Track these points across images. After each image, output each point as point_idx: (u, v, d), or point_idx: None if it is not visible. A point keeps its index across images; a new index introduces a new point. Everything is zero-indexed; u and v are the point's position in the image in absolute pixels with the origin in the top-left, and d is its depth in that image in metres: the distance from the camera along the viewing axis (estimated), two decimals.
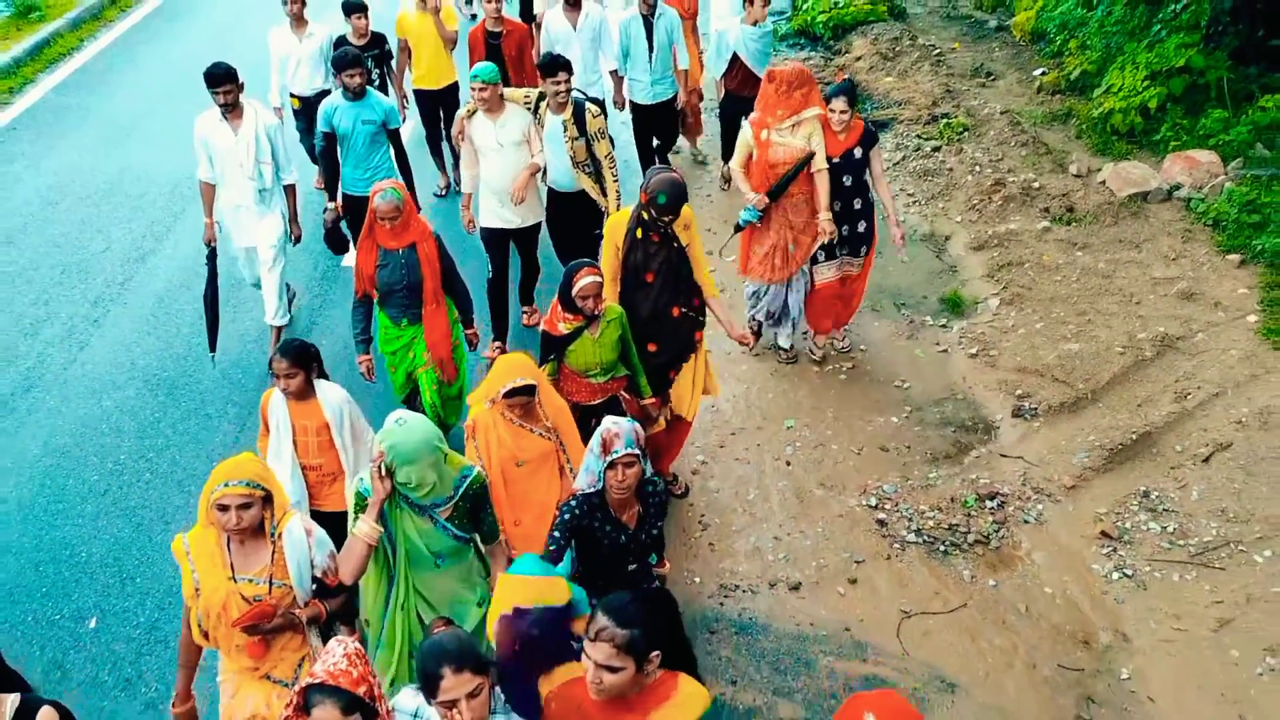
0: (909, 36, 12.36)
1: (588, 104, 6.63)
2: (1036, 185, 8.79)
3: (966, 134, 9.87)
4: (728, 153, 8.62)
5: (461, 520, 4.01)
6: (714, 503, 6.08)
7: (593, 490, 3.89)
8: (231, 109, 6.64)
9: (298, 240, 7.18)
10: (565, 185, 6.86)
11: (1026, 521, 5.78)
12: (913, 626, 5.23)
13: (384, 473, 3.77)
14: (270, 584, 3.69)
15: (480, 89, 6.44)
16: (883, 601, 5.36)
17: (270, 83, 8.57)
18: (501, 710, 2.99)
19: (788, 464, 6.30)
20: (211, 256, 6.91)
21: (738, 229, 6.65)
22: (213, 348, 6.92)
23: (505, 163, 6.64)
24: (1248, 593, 5.17)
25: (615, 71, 8.75)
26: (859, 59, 12.08)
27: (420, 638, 4.03)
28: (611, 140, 6.86)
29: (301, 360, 4.70)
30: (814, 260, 6.72)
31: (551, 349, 5.04)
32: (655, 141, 9.14)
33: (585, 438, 4.62)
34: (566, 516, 3.92)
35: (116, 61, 12.66)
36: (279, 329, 7.21)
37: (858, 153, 6.46)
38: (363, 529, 3.82)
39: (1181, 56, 9.23)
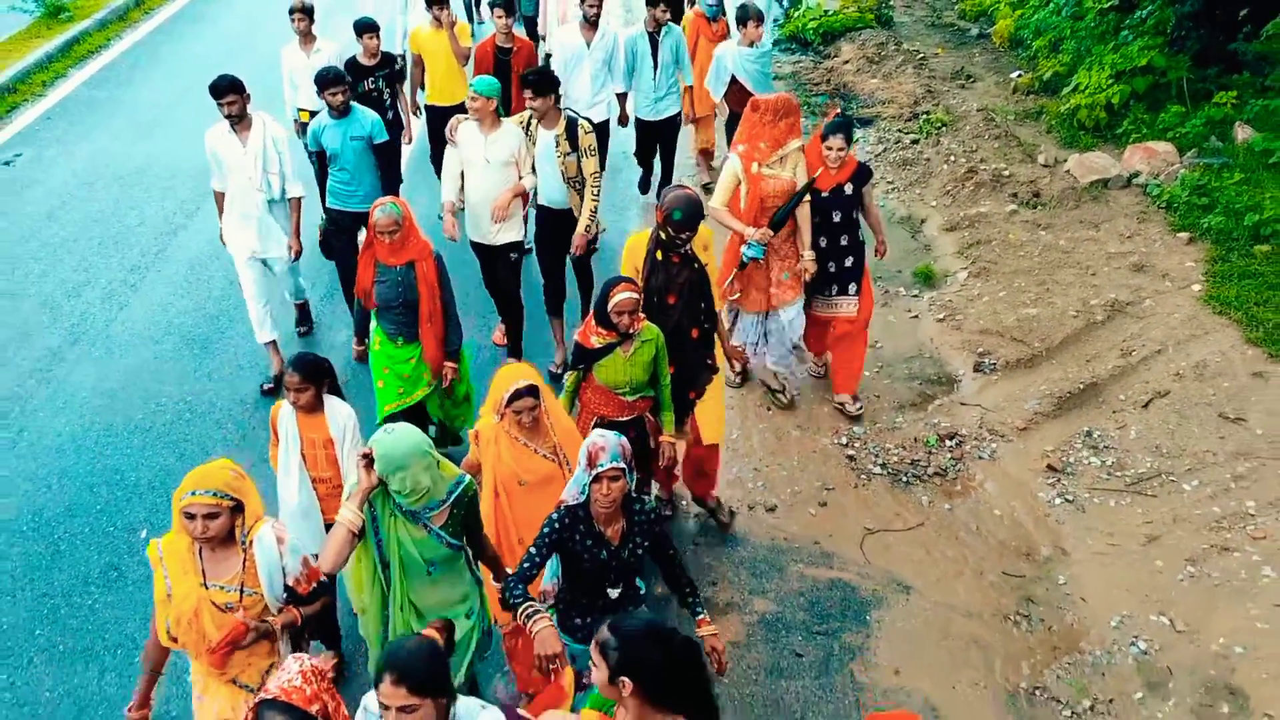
0: (894, 42, 13.08)
1: (580, 121, 6.66)
2: (1006, 173, 9.46)
3: (944, 129, 10.55)
4: None
5: (455, 528, 4.03)
6: None
7: (577, 503, 3.89)
8: (239, 120, 6.66)
9: (297, 256, 7.07)
10: (557, 201, 6.86)
11: (981, 458, 6.42)
12: (875, 541, 5.87)
13: (368, 463, 3.82)
14: (241, 591, 3.68)
15: (473, 99, 6.45)
16: (849, 521, 5.99)
17: (284, 98, 8.64)
18: None
19: (769, 409, 6.93)
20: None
21: (741, 266, 6.39)
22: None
23: (490, 180, 6.60)
24: (1174, 515, 5.79)
25: (623, 94, 8.78)
26: (846, 62, 12.80)
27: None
28: (602, 163, 6.86)
29: (313, 376, 4.73)
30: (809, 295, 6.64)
31: (581, 360, 4.99)
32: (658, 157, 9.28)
33: None
34: (547, 530, 3.92)
35: (142, 59, 13.37)
36: (300, 305, 7.63)
37: (848, 189, 6.37)
38: (345, 515, 3.83)
39: (1144, 57, 9.94)
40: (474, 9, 13.44)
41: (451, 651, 3.88)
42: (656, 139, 9.11)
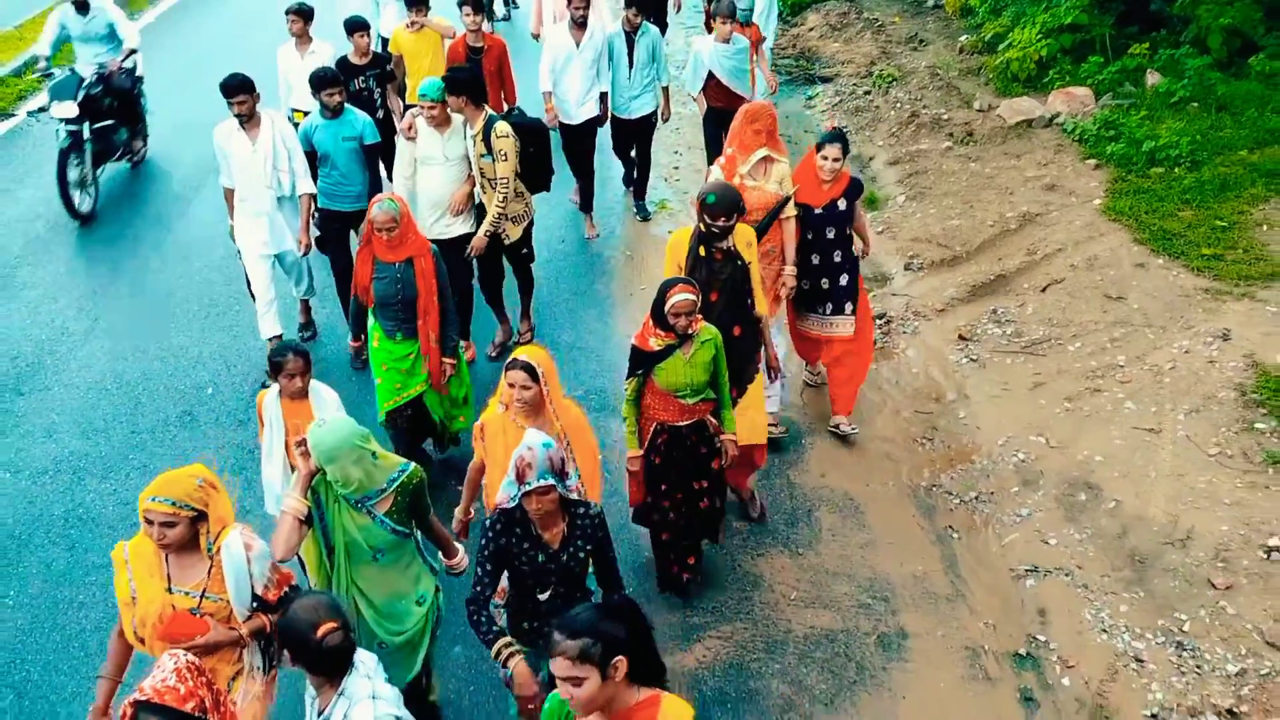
0: (856, 12, 14.35)
1: (497, 123, 6.67)
2: (945, 117, 10.71)
3: (894, 83, 11.80)
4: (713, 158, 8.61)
5: (400, 515, 4.09)
6: None
7: (512, 506, 3.83)
8: (248, 119, 6.73)
9: (306, 251, 7.14)
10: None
11: (905, 333, 7.66)
12: (812, 393, 7.11)
13: (304, 452, 3.98)
14: (202, 596, 3.70)
15: (430, 107, 6.58)
16: (791, 378, 7.22)
17: (279, 98, 8.60)
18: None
19: None
20: (243, 253, 7.20)
21: None
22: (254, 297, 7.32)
23: (447, 176, 6.76)
24: (1059, 368, 7.03)
25: (605, 92, 8.79)
26: (811, 29, 14.07)
27: (359, 629, 4.15)
28: (518, 171, 6.86)
29: (308, 360, 4.90)
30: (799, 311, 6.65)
31: (640, 364, 4.92)
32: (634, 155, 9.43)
33: (674, 460, 5.06)
34: (484, 541, 3.90)
35: (152, 44, 14.55)
36: (305, 302, 7.72)
37: (841, 204, 6.25)
38: (289, 503, 3.96)
39: (1070, 15, 11.17)
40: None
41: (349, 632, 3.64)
42: (632, 137, 9.22)
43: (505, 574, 4.03)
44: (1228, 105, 9.76)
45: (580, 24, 8.44)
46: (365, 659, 3.24)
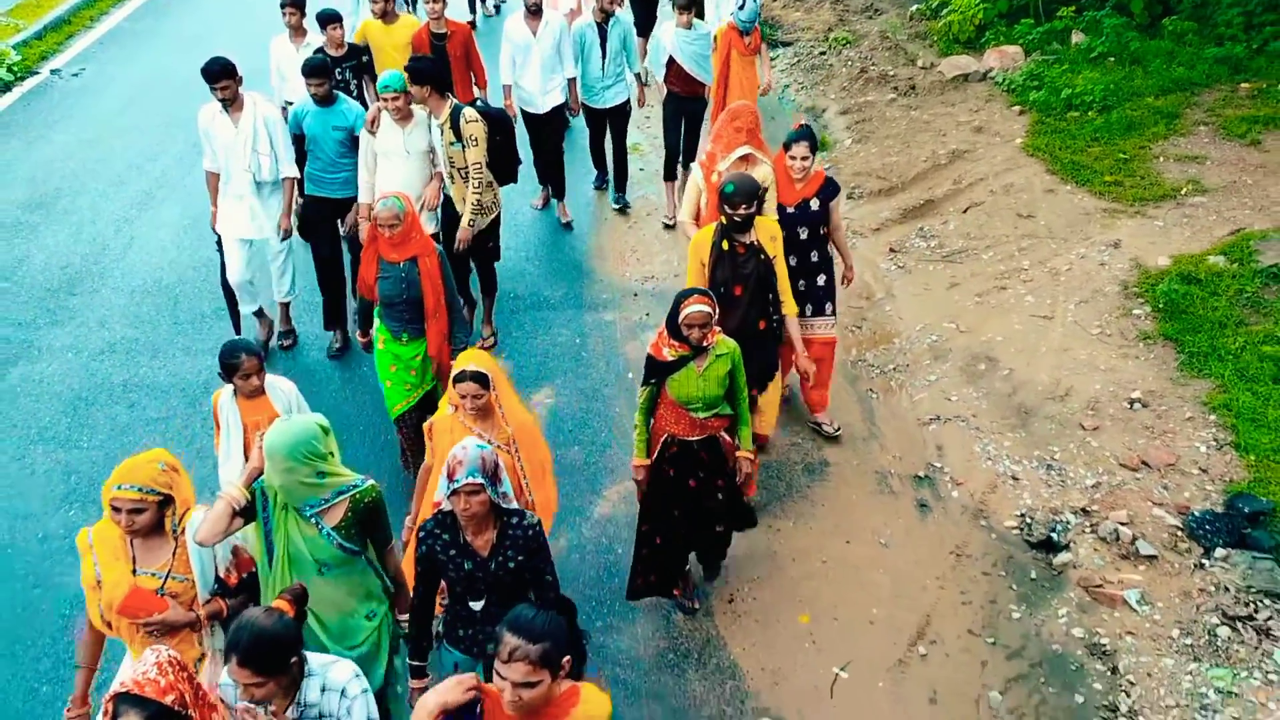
0: None
1: (465, 110, 6.68)
2: (891, 74, 11.86)
3: (848, 45, 12.94)
4: (669, 145, 9.16)
5: (349, 531, 3.97)
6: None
7: (448, 509, 3.80)
8: (231, 102, 6.74)
9: (287, 235, 7.16)
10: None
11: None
12: None
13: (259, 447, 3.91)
14: (167, 577, 3.74)
15: (394, 98, 6.55)
16: None
17: (272, 88, 8.63)
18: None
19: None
20: (221, 243, 7.27)
21: None
22: (238, 329, 7.46)
23: (410, 170, 6.77)
24: (972, 272, 8.19)
25: (573, 79, 8.81)
26: (775, 0, 15.17)
27: (310, 646, 3.92)
28: (488, 157, 6.86)
29: (260, 357, 4.81)
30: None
31: (653, 373, 4.82)
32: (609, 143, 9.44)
33: (686, 475, 4.97)
34: (422, 550, 3.88)
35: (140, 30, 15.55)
36: (285, 305, 7.62)
37: (814, 204, 6.20)
38: (226, 489, 3.89)
39: None
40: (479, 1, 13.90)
41: (303, 620, 3.60)
42: (605, 126, 9.28)
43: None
44: (1141, 60, 10.92)
45: (534, 12, 8.51)
46: (315, 657, 3.40)
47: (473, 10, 13.60)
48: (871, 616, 5.51)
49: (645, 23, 11.61)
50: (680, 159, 9.23)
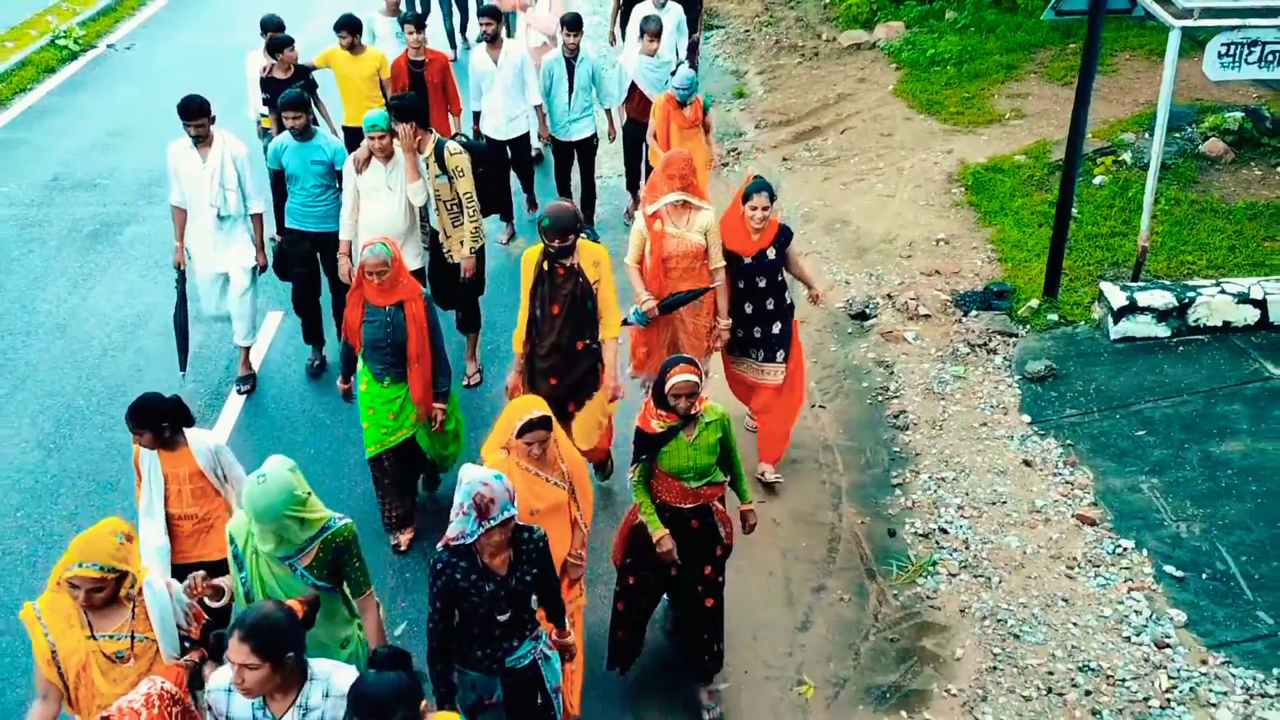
0: None
1: (448, 143, 6.77)
2: (800, 44, 14.63)
3: (769, 25, 15.73)
4: (630, 172, 9.86)
5: (322, 570, 4.03)
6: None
7: (460, 544, 3.82)
8: (202, 139, 6.78)
9: (262, 269, 7.24)
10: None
11: (749, 160, 11.46)
12: None
13: (211, 590, 3.94)
14: (133, 638, 3.67)
15: (380, 137, 6.55)
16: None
17: (249, 101, 9.09)
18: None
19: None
20: (181, 280, 7.18)
21: (625, 323, 6.21)
22: (183, 367, 7.33)
23: (392, 206, 6.75)
24: (840, 172, 10.86)
25: (539, 106, 8.97)
26: None
27: None
28: (477, 185, 6.94)
29: (146, 422, 4.55)
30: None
31: (644, 449, 4.75)
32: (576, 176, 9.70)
33: (680, 544, 4.82)
34: (432, 580, 3.93)
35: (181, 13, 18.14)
36: (246, 349, 7.56)
37: (771, 253, 6.27)
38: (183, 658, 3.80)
39: None
40: (458, 34, 13.97)
41: (310, 625, 3.83)
42: (571, 159, 9.57)
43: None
44: (994, 29, 13.73)
45: (492, 40, 8.77)
46: (320, 663, 3.45)
47: (453, 45, 13.66)
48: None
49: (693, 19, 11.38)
50: (638, 186, 9.65)
